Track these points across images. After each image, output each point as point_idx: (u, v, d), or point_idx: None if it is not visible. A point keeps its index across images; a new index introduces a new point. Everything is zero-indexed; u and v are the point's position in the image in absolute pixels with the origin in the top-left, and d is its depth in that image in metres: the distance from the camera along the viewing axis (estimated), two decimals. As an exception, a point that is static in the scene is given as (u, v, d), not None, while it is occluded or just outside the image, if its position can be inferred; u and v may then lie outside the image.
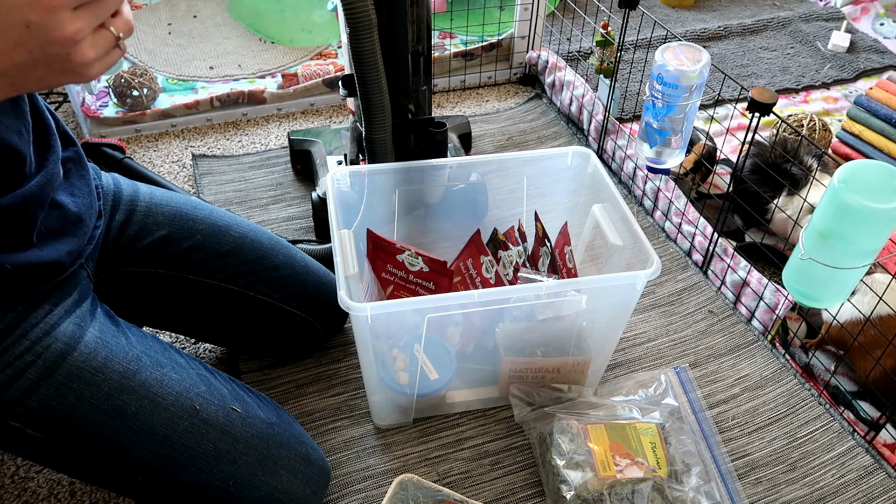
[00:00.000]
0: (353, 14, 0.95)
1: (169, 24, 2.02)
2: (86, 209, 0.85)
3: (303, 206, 1.49)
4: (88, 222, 0.86)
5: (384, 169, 1.12)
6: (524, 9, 1.84)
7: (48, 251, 0.79)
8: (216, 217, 1.04)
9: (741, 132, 1.66)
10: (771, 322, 1.23)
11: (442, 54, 1.88)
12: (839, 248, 0.92)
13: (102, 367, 0.80)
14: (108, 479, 0.84)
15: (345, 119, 1.77)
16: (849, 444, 1.08)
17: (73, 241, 0.83)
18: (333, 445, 1.06)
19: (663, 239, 1.46)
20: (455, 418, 1.10)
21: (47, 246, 0.79)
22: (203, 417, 0.84)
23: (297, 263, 1.08)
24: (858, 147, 1.60)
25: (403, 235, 1.21)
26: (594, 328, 1.07)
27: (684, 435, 1.02)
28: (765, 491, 1.02)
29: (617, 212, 1.07)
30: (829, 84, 1.94)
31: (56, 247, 0.80)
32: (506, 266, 1.12)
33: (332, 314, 1.13)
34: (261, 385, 1.13)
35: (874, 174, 0.89)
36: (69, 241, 0.82)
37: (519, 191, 1.20)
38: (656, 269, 0.94)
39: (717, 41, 2.10)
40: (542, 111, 1.82)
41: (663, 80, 1.13)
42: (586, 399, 1.07)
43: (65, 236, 0.81)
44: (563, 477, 0.93)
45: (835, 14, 2.23)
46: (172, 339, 1.22)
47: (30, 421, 0.77)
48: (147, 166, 1.58)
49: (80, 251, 0.84)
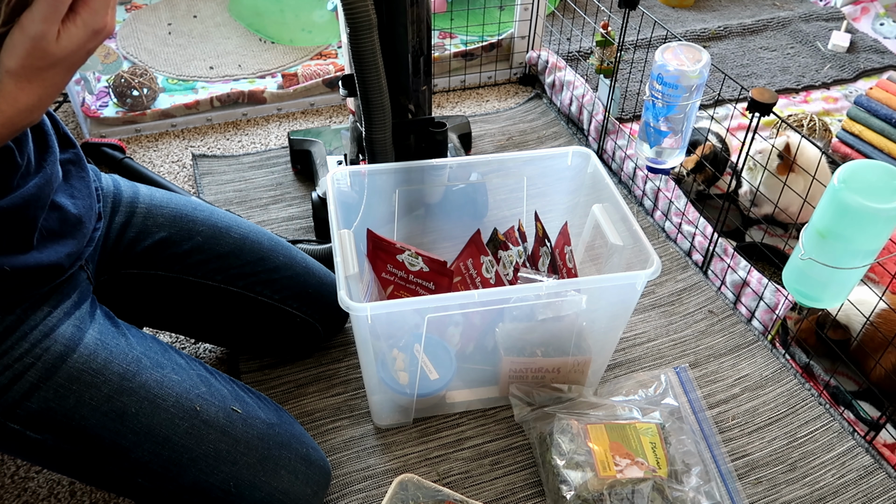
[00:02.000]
0: (353, 14, 0.95)
1: (169, 24, 2.02)
2: (85, 211, 0.85)
3: (303, 206, 1.49)
4: (88, 224, 0.86)
5: (384, 169, 1.12)
6: (524, 9, 1.83)
7: (47, 253, 0.78)
8: (216, 218, 1.04)
9: (741, 132, 1.66)
10: (771, 322, 1.23)
11: (442, 54, 1.88)
12: (839, 248, 0.92)
13: (102, 368, 0.80)
14: (108, 481, 0.83)
15: (345, 119, 1.77)
16: (849, 444, 1.09)
17: (73, 244, 0.82)
18: (333, 445, 1.06)
19: (663, 239, 1.46)
20: (455, 418, 1.10)
21: (46, 248, 0.79)
22: (203, 418, 0.84)
23: (298, 264, 1.08)
24: (858, 147, 1.60)
25: (403, 235, 1.21)
26: (594, 328, 1.07)
27: (684, 435, 1.02)
28: (765, 491, 1.02)
29: (617, 212, 1.07)
30: (829, 84, 1.94)
31: (55, 249, 0.80)
32: (506, 266, 1.12)
33: (333, 315, 1.13)
34: (261, 385, 1.13)
35: (874, 174, 0.89)
36: (68, 243, 0.82)
37: (519, 191, 1.20)
38: (656, 269, 0.94)
39: (717, 41, 2.10)
40: (542, 111, 1.82)
41: (663, 80, 1.13)
42: (586, 399, 1.07)
43: (64, 238, 0.81)
44: (563, 477, 0.93)
45: (835, 14, 2.23)
46: (172, 340, 1.22)
47: (29, 423, 0.77)
48: (147, 166, 1.58)
49: (79, 253, 0.84)
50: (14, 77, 0.60)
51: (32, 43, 0.59)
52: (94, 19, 0.61)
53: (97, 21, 0.62)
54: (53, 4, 0.58)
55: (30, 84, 0.61)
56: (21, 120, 0.63)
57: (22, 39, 0.59)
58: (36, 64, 0.60)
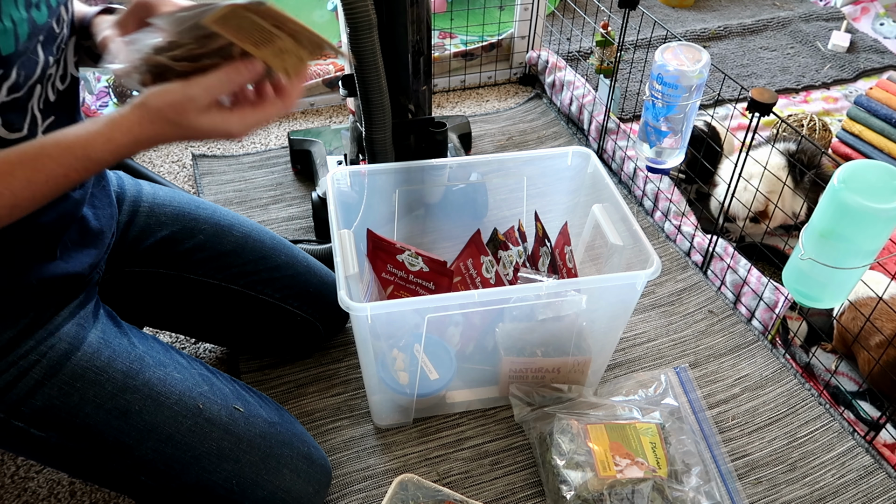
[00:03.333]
0: (353, 14, 0.96)
1: (169, 24, 2.02)
2: (106, 221, 0.87)
3: (303, 206, 1.49)
4: (108, 233, 0.87)
5: (384, 169, 1.12)
6: (524, 9, 1.84)
7: (71, 264, 0.80)
8: (219, 216, 1.04)
9: (741, 132, 1.66)
10: (771, 321, 1.23)
11: (442, 54, 1.88)
12: (839, 248, 0.92)
13: (106, 366, 0.80)
14: (111, 479, 0.84)
15: (345, 119, 1.77)
16: (849, 444, 1.09)
17: (94, 253, 0.84)
18: (333, 445, 1.06)
19: (663, 239, 1.46)
20: (455, 418, 1.10)
21: (70, 259, 0.80)
22: (206, 416, 0.84)
23: (300, 264, 1.08)
24: (858, 147, 1.60)
25: (403, 235, 1.21)
26: (594, 328, 1.07)
27: (684, 435, 1.02)
28: (765, 491, 1.02)
29: (617, 212, 1.07)
30: (829, 84, 1.94)
31: (79, 259, 0.81)
32: (506, 266, 1.12)
33: (334, 314, 1.13)
34: (261, 385, 1.13)
35: (874, 174, 0.89)
36: (90, 252, 0.83)
37: (519, 191, 1.20)
38: (656, 270, 0.94)
39: (717, 41, 2.11)
40: (542, 111, 1.82)
41: (663, 80, 1.13)
42: (586, 399, 1.07)
43: (86, 248, 0.83)
44: (563, 477, 0.94)
45: (835, 14, 2.23)
46: (172, 340, 1.22)
47: (33, 421, 0.77)
48: (147, 166, 1.58)
49: (99, 262, 0.85)
50: (143, 112, 0.63)
51: (183, 99, 0.62)
52: (237, 126, 0.64)
53: (236, 128, 0.64)
54: (225, 83, 0.61)
55: (150, 125, 0.63)
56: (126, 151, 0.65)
57: (178, 91, 0.62)
58: (169, 115, 0.63)
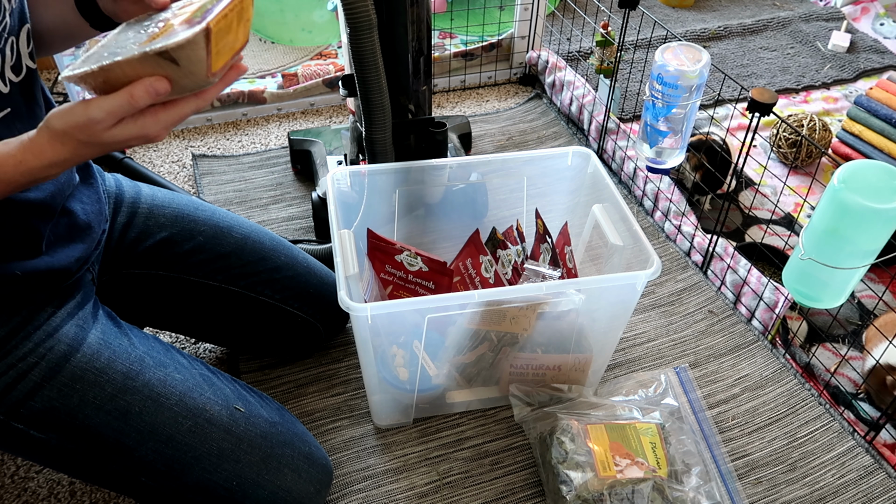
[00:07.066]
0: (353, 14, 0.96)
1: (169, 24, 2.02)
2: (94, 216, 0.87)
3: (303, 206, 1.49)
4: (97, 228, 0.87)
5: (384, 169, 1.12)
6: (524, 9, 1.84)
7: (57, 257, 0.80)
8: (218, 218, 1.04)
9: (741, 132, 1.66)
10: (771, 321, 1.23)
11: (442, 54, 1.88)
12: (839, 248, 0.92)
13: (105, 367, 0.80)
14: (111, 480, 0.84)
15: (345, 119, 1.77)
16: (849, 444, 1.09)
17: (82, 248, 0.84)
18: (334, 445, 1.06)
19: (663, 239, 1.46)
20: (455, 418, 1.10)
21: (56, 252, 0.80)
22: (207, 417, 0.84)
23: (300, 264, 1.08)
24: (858, 147, 1.60)
25: (403, 235, 1.21)
26: (594, 328, 1.07)
27: (684, 435, 1.02)
28: (765, 491, 1.02)
29: (617, 212, 1.07)
30: (829, 84, 1.94)
31: (65, 253, 0.81)
32: (504, 265, 1.12)
33: (334, 315, 1.13)
34: (261, 385, 1.13)
35: (874, 174, 0.89)
36: (78, 247, 0.83)
37: (519, 191, 1.20)
38: (656, 270, 0.94)
39: (717, 41, 2.11)
40: (542, 111, 1.82)
41: (663, 80, 1.13)
42: (586, 399, 1.07)
43: (74, 243, 0.83)
44: (563, 477, 0.94)
45: (835, 14, 2.23)
46: (172, 340, 1.22)
47: (33, 422, 0.77)
48: (147, 166, 1.58)
49: (87, 257, 0.85)
50: (51, 135, 0.63)
51: (87, 122, 0.61)
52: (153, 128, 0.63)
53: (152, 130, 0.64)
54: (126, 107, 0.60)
55: (62, 146, 0.63)
56: (40, 173, 0.65)
57: (80, 113, 0.61)
58: (77, 136, 0.62)
